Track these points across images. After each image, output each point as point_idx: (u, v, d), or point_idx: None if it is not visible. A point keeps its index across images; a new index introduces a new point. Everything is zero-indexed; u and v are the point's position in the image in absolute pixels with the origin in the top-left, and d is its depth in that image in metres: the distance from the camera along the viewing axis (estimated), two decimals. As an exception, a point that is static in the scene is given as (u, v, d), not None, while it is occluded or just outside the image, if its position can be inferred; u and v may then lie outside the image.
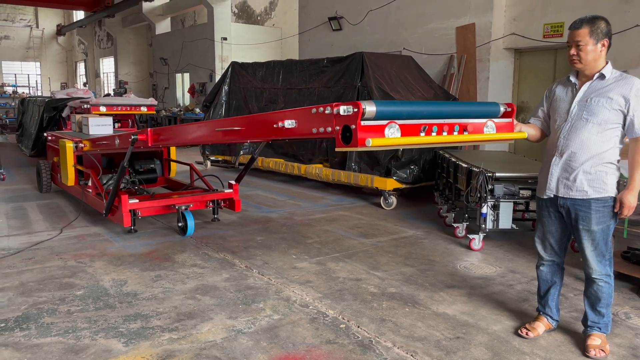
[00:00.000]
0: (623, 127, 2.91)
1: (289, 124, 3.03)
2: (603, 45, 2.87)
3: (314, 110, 2.83)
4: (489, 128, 2.96)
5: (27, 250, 5.01)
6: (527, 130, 3.18)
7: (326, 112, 2.73)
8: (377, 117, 2.55)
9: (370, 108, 2.52)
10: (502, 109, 3.02)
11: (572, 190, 2.98)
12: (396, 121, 2.62)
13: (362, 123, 2.52)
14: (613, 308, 3.50)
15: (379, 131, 2.57)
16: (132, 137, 4.81)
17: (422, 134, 2.70)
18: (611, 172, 2.94)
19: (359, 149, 2.54)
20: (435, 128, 2.74)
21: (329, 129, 2.73)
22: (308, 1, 12.98)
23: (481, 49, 9.22)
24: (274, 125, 3.17)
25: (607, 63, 2.94)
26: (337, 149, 2.70)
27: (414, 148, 7.03)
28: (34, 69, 30.60)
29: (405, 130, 2.64)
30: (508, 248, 5.24)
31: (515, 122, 3.09)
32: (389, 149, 2.69)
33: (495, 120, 3.00)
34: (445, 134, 2.78)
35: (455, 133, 2.81)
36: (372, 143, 2.49)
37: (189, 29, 20.49)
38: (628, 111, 2.85)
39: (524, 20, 8.70)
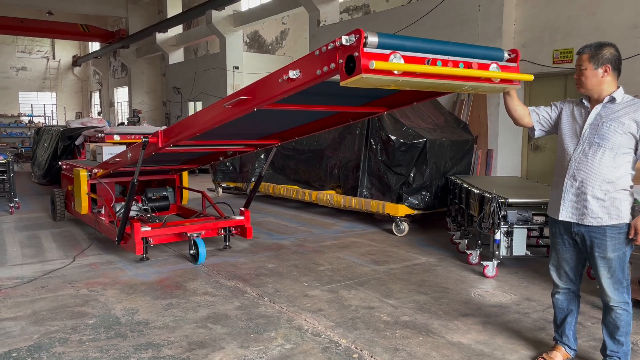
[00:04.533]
0: (635, 152, 2.90)
1: (293, 74, 3.05)
2: (605, 70, 2.88)
3: (317, 52, 2.87)
4: (494, 69, 2.95)
5: (40, 279, 5.03)
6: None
7: (329, 47, 2.76)
8: (380, 46, 2.57)
9: (372, 38, 2.54)
10: (506, 55, 3.04)
11: (586, 217, 2.95)
12: (400, 52, 2.62)
13: (365, 50, 2.53)
14: (632, 337, 3.42)
15: (383, 59, 2.57)
16: (143, 140, 4.84)
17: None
18: (625, 199, 2.91)
19: (364, 75, 2.52)
20: (439, 63, 2.73)
21: (333, 65, 2.74)
22: (318, 30, 13.18)
23: (491, 75, 9.25)
24: (279, 80, 3.19)
25: (618, 87, 2.94)
26: (341, 84, 2.67)
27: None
28: (49, 99, 31.23)
29: (409, 61, 2.64)
30: (523, 275, 5.17)
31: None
32: (392, 80, 2.64)
33: (500, 63, 2.99)
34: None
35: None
36: (376, 65, 2.48)
37: (201, 58, 20.86)
38: None
39: (534, 47, 8.75)
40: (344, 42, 2.60)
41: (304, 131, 5.13)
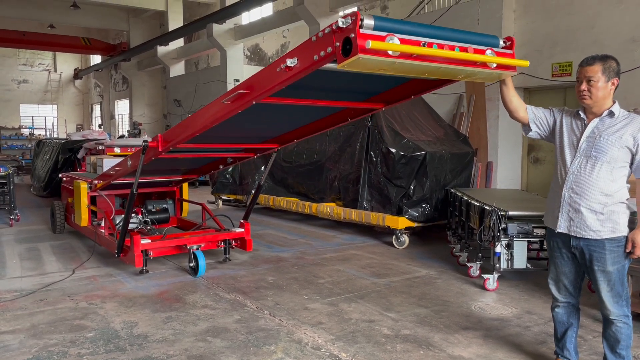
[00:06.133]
0: (630, 166, 2.91)
1: (290, 62, 3.07)
2: (613, 84, 2.89)
3: (314, 38, 2.90)
4: (490, 54, 2.96)
5: (39, 292, 5.01)
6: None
7: (326, 32, 2.79)
8: (376, 29, 2.61)
9: (368, 20, 2.58)
10: (501, 42, 3.05)
11: (585, 230, 2.95)
12: (396, 35, 2.64)
13: (362, 31, 2.56)
14: (633, 350, 3.40)
15: (379, 39, 2.60)
16: (143, 143, 4.84)
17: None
18: (622, 211, 2.92)
19: (360, 56, 2.53)
20: (435, 46, 2.74)
21: (329, 48, 2.77)
22: (318, 43, 13.26)
23: (490, 88, 9.31)
24: (277, 69, 3.21)
25: (614, 102, 2.95)
26: (338, 66, 2.70)
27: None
28: (50, 112, 31.33)
29: (406, 44, 2.67)
30: (523, 288, 5.15)
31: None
32: (389, 62, 2.65)
33: (496, 49, 3.00)
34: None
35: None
36: (372, 45, 2.50)
37: (202, 71, 20.96)
38: (637, 151, 2.85)
39: (533, 60, 8.79)
40: (340, 24, 2.64)
41: (303, 133, 5.12)
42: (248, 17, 18.13)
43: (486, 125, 9.49)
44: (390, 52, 2.61)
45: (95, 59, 30.52)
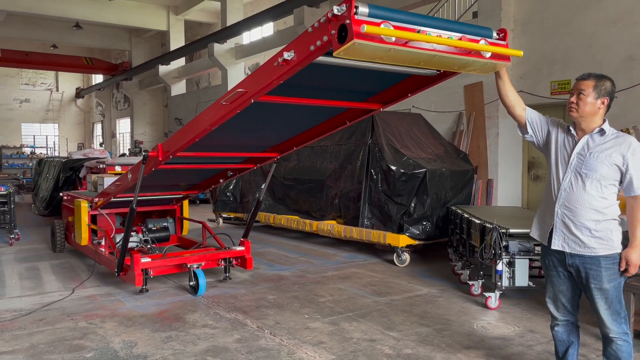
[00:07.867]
0: (620, 184, 2.92)
1: (287, 55, 3.10)
2: (602, 102, 2.91)
3: (310, 29, 2.93)
4: (484, 44, 2.98)
5: (39, 312, 4.98)
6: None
7: (321, 21, 2.83)
8: (371, 16, 2.66)
9: (363, 8, 2.63)
10: (495, 34, 3.08)
11: (579, 247, 2.94)
12: (391, 22, 2.68)
13: (357, 17, 2.60)
14: (638, 370, 3.37)
15: (374, 25, 2.63)
16: (144, 153, 4.84)
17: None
18: (615, 228, 2.92)
19: (356, 41, 2.56)
20: (429, 33, 2.78)
21: (325, 37, 2.80)
22: (319, 62, 13.36)
23: (489, 106, 9.36)
24: (274, 64, 3.23)
25: (604, 121, 2.97)
26: (334, 54, 2.73)
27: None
28: (52, 130, 31.45)
29: (400, 30, 2.70)
30: (526, 306, 5.12)
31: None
32: (384, 49, 2.66)
33: (489, 40, 3.03)
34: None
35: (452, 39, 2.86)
36: (367, 29, 2.54)
37: (203, 90, 21.11)
38: (627, 169, 2.86)
39: (531, 78, 8.86)
40: (335, 11, 2.69)
41: (302, 140, 5.14)
42: (249, 36, 18.31)
43: (486, 143, 9.52)
44: (385, 38, 2.66)
45: (97, 78, 30.76)
